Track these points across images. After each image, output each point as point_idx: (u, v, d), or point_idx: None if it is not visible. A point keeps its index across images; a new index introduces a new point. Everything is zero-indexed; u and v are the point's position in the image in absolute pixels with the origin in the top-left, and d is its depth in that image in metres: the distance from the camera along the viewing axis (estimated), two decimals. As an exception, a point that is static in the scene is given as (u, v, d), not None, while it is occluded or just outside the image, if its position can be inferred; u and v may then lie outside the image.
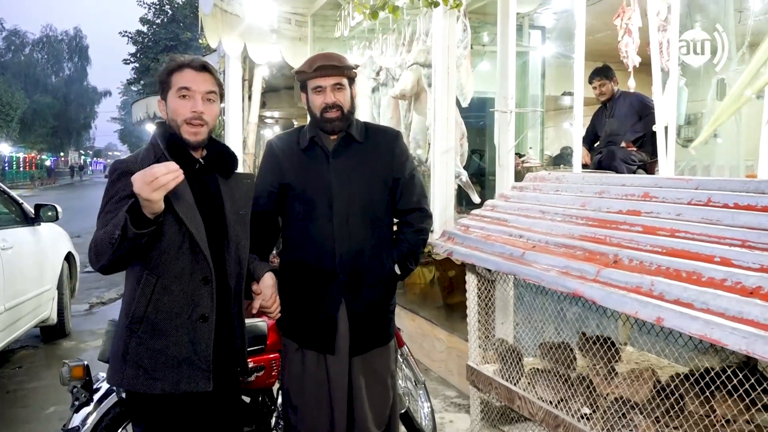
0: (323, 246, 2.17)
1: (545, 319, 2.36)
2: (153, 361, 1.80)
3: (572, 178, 2.23)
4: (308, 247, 2.20)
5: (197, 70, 1.85)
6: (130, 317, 1.79)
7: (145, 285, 1.79)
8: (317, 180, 2.19)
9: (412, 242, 2.24)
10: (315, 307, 2.21)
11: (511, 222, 2.15)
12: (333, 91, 2.15)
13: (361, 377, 2.20)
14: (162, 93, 1.89)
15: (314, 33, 6.60)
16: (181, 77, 1.84)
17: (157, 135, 1.87)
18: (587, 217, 1.89)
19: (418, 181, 2.30)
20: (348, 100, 2.18)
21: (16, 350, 4.97)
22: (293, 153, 2.25)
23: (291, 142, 2.29)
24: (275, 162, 2.28)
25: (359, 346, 2.21)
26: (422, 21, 4.61)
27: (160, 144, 1.84)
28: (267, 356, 2.75)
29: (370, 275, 2.21)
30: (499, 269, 1.92)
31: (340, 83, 2.16)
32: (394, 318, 2.37)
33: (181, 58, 1.86)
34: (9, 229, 4.30)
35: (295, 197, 2.22)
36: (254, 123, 6.98)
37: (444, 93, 3.85)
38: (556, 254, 1.78)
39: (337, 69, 2.15)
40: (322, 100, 2.16)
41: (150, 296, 1.79)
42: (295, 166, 2.24)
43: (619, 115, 5.16)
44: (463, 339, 4.25)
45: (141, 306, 1.79)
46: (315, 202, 2.18)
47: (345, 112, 2.18)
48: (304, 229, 2.21)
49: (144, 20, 28.63)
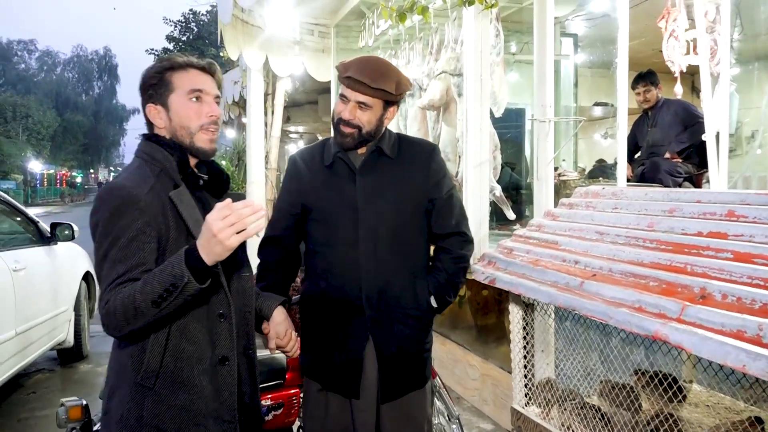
0: (347, 275, 1.91)
1: (588, 351, 2.06)
2: (176, 421, 1.49)
3: (633, 193, 1.95)
4: (331, 277, 1.94)
5: (205, 71, 1.59)
6: (142, 372, 1.46)
7: (164, 332, 1.48)
8: (341, 200, 1.94)
9: (450, 271, 1.96)
10: (338, 344, 1.94)
11: (563, 245, 1.87)
12: (355, 108, 1.89)
13: (393, 425, 1.93)
14: (157, 98, 1.56)
15: (337, 44, 6.42)
16: (189, 78, 1.56)
17: (154, 150, 1.55)
18: (658, 240, 1.61)
19: (457, 201, 2.03)
20: (371, 122, 1.91)
21: (31, 374, 4.79)
22: (316, 170, 2.00)
23: (314, 157, 2.03)
24: (296, 180, 2.04)
25: (390, 390, 1.93)
26: (451, 27, 4.37)
27: (171, 159, 1.53)
28: (286, 392, 2.50)
29: (402, 309, 1.94)
30: (553, 302, 1.64)
31: (365, 103, 1.88)
32: (431, 356, 2.09)
33: (183, 57, 1.59)
34: (22, 249, 4.13)
35: (317, 220, 1.98)
36: (276, 137, 6.79)
37: (476, 102, 3.59)
38: (623, 285, 1.50)
39: (367, 88, 1.86)
40: (340, 110, 1.92)
41: (165, 342, 1.46)
42: (318, 185, 1.98)
43: (662, 124, 4.85)
44: (498, 366, 3.96)
45: (155, 356, 1.46)
46: (338, 225, 1.93)
47: (362, 132, 1.91)
48: (326, 256, 1.96)
49: (170, 38, 29.05)
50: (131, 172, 1.52)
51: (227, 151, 12.62)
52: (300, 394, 2.56)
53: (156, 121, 1.57)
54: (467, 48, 3.80)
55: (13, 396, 4.33)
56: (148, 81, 1.57)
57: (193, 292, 1.34)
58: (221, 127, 10.00)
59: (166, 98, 1.56)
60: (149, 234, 1.42)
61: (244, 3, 4.51)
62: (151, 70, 1.58)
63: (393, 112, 1.96)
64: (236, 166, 9.61)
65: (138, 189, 1.44)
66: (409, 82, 1.97)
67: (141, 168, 1.53)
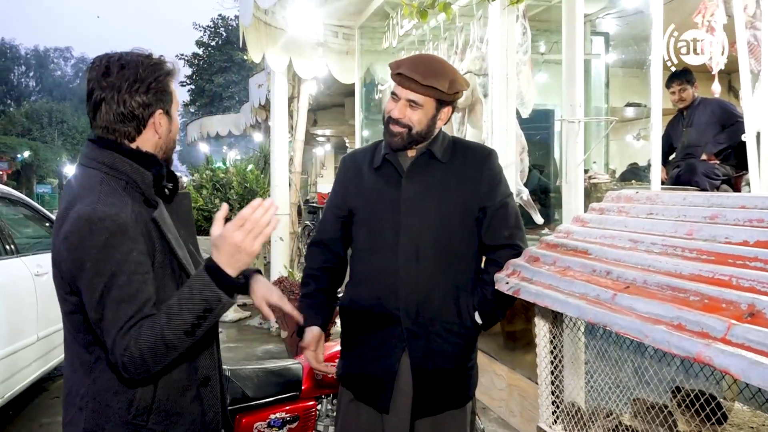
0: (386, 283, 1.83)
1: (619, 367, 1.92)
2: None
3: (669, 198, 1.80)
4: (370, 284, 1.87)
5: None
6: (133, 410, 1.32)
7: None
8: (385, 204, 1.85)
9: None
10: (373, 354, 1.86)
11: (594, 253, 1.73)
12: (405, 106, 1.81)
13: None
14: (164, 105, 1.40)
15: (362, 46, 6.35)
16: (176, 89, 1.47)
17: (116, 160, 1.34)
18: (698, 249, 1.46)
19: (512, 210, 1.90)
20: (421, 122, 1.81)
21: (55, 378, 4.80)
22: (364, 172, 1.93)
23: (364, 159, 1.96)
24: (344, 182, 1.98)
25: (423, 406, 1.83)
26: (476, 26, 4.25)
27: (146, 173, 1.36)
28: (302, 404, 2.42)
29: (443, 323, 1.84)
30: (582, 316, 1.50)
31: (416, 101, 1.79)
32: (476, 375, 1.98)
33: (170, 64, 1.43)
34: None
35: (361, 224, 1.91)
36: (301, 140, 6.73)
37: (503, 102, 3.47)
38: (659, 299, 1.36)
39: (417, 85, 1.77)
40: (390, 108, 1.84)
41: (156, 374, 1.32)
42: (364, 188, 1.91)
43: (698, 124, 4.65)
44: (525, 377, 3.81)
45: (147, 391, 1.33)
46: (381, 230, 1.85)
47: (412, 133, 1.82)
48: (367, 262, 1.89)
49: (200, 43, 29.39)
50: (100, 192, 1.30)
51: (254, 155, 12.65)
52: (317, 406, 2.47)
53: (158, 130, 1.40)
54: (493, 46, 3.68)
55: (35, 400, 4.33)
56: (160, 87, 1.38)
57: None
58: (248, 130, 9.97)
59: (170, 107, 1.42)
60: (146, 263, 1.29)
61: (264, 3, 4.45)
62: (159, 73, 1.38)
63: (447, 114, 1.86)
64: (262, 170, 9.60)
65: (122, 214, 1.27)
66: (466, 82, 1.87)
67: (106, 184, 1.32)
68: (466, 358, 1.90)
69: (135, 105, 1.35)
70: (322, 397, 2.48)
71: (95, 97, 1.35)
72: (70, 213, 1.28)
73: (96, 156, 1.35)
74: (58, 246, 1.30)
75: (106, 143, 1.36)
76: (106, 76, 1.34)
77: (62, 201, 1.36)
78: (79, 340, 1.35)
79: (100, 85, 1.34)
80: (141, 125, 1.38)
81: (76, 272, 1.26)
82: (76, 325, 1.34)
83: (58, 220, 1.33)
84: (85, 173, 1.36)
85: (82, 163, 1.37)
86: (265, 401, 2.30)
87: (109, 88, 1.33)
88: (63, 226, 1.29)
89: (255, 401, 2.27)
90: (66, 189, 1.39)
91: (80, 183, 1.35)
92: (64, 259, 1.28)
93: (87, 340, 1.33)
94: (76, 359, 1.37)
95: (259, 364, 2.42)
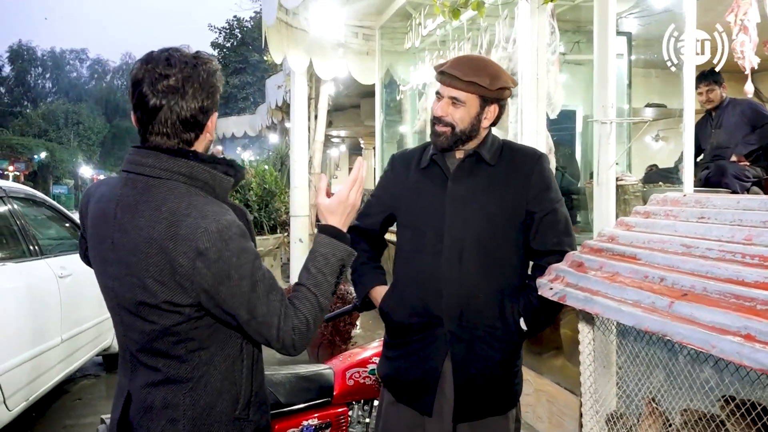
0: (429, 286, 1.81)
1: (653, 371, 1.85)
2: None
3: (722, 201, 1.74)
4: (413, 286, 1.85)
5: None
6: (239, 407, 1.38)
7: (247, 357, 1.41)
8: (430, 206, 1.84)
9: None
10: (415, 356, 1.84)
11: (644, 258, 1.67)
12: (447, 104, 1.79)
13: None
14: (216, 105, 1.39)
15: (382, 46, 6.30)
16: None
17: (193, 169, 1.33)
18: (760, 255, 1.40)
19: (562, 216, 1.86)
20: (464, 120, 1.79)
21: (78, 380, 4.80)
22: (411, 172, 1.92)
23: (413, 158, 1.95)
24: (390, 180, 1.99)
25: (465, 411, 1.79)
26: (502, 26, 4.19)
27: (225, 178, 1.38)
28: (334, 410, 2.37)
29: (485, 327, 1.80)
30: (639, 325, 1.44)
31: (458, 98, 1.78)
32: (520, 383, 1.94)
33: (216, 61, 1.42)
34: (68, 255, 4.11)
35: (405, 225, 1.91)
36: (320, 142, 6.70)
37: (532, 103, 3.42)
38: (723, 307, 1.30)
39: (459, 81, 1.76)
40: (434, 108, 1.83)
41: (253, 367, 1.42)
42: (409, 188, 1.90)
43: (727, 125, 4.56)
44: (553, 382, 3.75)
45: (248, 386, 1.41)
46: (425, 232, 1.83)
47: (456, 131, 1.80)
48: (410, 263, 1.88)
49: (215, 44, 29.50)
50: (204, 203, 1.29)
51: (270, 156, 12.65)
52: (348, 412, 2.43)
53: (210, 131, 1.38)
54: (522, 46, 3.63)
55: (59, 402, 4.33)
56: (214, 87, 1.36)
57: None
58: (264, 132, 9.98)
59: (217, 107, 1.40)
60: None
61: (288, 4, 4.42)
62: (214, 75, 1.36)
63: (493, 113, 1.82)
64: (279, 170, 9.59)
65: (233, 217, 1.32)
66: (511, 79, 1.84)
67: (197, 195, 1.31)
68: (510, 364, 1.86)
69: (197, 110, 1.32)
70: (354, 403, 2.44)
71: (151, 103, 1.29)
72: (180, 231, 1.25)
73: (170, 166, 1.31)
74: (179, 264, 1.26)
75: (174, 152, 1.32)
76: (162, 81, 1.29)
77: (135, 216, 1.29)
78: (177, 351, 1.34)
79: (155, 91, 1.29)
80: (200, 130, 1.36)
81: (216, 284, 1.26)
82: (178, 337, 1.32)
83: (139, 239, 1.28)
84: (164, 185, 1.31)
85: (154, 175, 1.30)
86: (297, 407, 2.26)
87: (170, 94, 1.29)
88: (173, 244, 1.25)
89: (287, 407, 2.23)
90: (137, 203, 1.31)
91: (168, 197, 1.29)
92: (198, 275, 1.26)
93: (188, 350, 1.34)
94: (168, 371, 1.34)
95: (290, 369, 2.38)
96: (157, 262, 1.26)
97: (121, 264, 1.31)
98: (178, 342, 1.33)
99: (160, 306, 1.28)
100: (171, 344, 1.33)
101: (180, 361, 1.34)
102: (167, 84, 1.29)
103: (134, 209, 1.30)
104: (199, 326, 1.32)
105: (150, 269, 1.27)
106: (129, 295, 1.31)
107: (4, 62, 55.91)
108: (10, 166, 32.71)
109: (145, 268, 1.27)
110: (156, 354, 1.34)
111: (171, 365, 1.34)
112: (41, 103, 52.58)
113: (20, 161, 34.35)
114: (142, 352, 1.36)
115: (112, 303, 1.38)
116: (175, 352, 1.34)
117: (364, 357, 2.47)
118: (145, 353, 1.35)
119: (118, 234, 1.31)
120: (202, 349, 1.34)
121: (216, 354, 1.36)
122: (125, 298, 1.33)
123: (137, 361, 1.37)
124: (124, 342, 1.40)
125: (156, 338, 1.33)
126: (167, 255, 1.25)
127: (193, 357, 1.34)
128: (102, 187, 1.44)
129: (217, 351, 1.36)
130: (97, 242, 1.38)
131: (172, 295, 1.28)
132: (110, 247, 1.33)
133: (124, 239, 1.30)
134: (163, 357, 1.34)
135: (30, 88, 57.69)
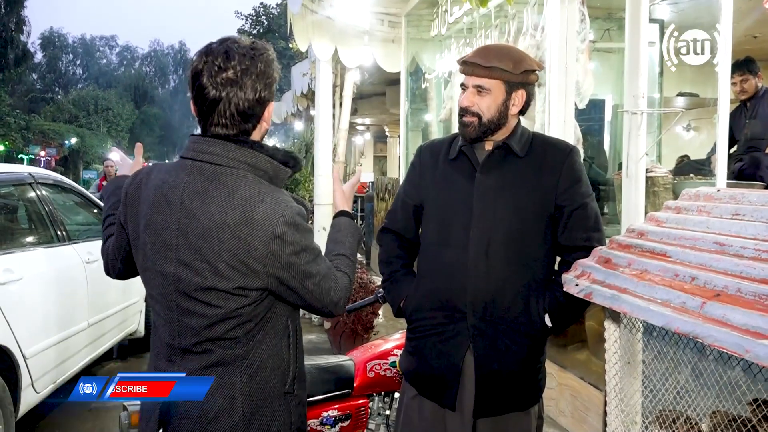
0: (454, 279, 1.78)
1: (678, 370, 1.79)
2: (303, 417, 1.54)
3: (758, 198, 1.67)
4: (438, 278, 1.82)
5: None
6: (288, 381, 1.46)
7: (292, 333, 1.48)
8: (457, 198, 1.81)
9: None
10: (437, 349, 1.81)
11: (674, 256, 1.61)
12: (473, 94, 1.76)
13: None
14: (272, 95, 1.43)
15: (408, 34, 6.23)
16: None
17: (257, 159, 1.38)
18: (799, 255, 1.34)
19: (592, 212, 1.81)
20: (490, 108, 1.76)
21: (104, 363, 4.88)
22: (438, 163, 1.89)
23: (441, 149, 1.91)
24: (418, 172, 1.95)
25: (485, 405, 1.77)
26: (530, 13, 4.10)
27: (283, 169, 1.45)
28: (354, 402, 2.36)
29: (509, 322, 1.77)
30: (668, 326, 1.40)
31: (482, 86, 1.74)
32: (544, 380, 1.90)
33: (271, 50, 1.45)
34: (96, 241, 4.17)
35: (431, 217, 1.88)
36: (345, 130, 6.68)
37: (561, 92, 3.35)
38: (758, 309, 1.25)
39: (481, 69, 1.73)
40: (460, 99, 1.80)
41: (297, 343, 1.50)
42: (437, 179, 1.87)
43: (762, 115, 4.43)
44: (577, 376, 3.70)
45: (294, 361, 1.48)
46: (451, 224, 1.80)
47: (483, 121, 1.76)
48: (436, 255, 1.85)
49: (241, 31, 29.67)
50: (273, 191, 1.37)
51: (294, 143, 12.68)
52: (369, 404, 2.42)
53: (266, 120, 1.42)
54: (551, 34, 3.55)
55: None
56: (272, 78, 1.39)
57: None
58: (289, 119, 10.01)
59: (273, 97, 1.43)
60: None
61: (314, -9, 4.39)
62: (272, 66, 1.39)
63: (521, 99, 1.78)
64: (304, 158, 9.61)
65: (297, 205, 1.42)
66: (536, 62, 1.80)
67: (264, 183, 1.37)
68: (533, 360, 1.82)
69: (254, 102, 1.36)
70: (374, 395, 2.43)
71: (210, 96, 1.33)
72: (256, 217, 1.32)
73: (237, 156, 1.36)
74: (254, 248, 1.32)
75: (240, 142, 1.37)
76: (221, 74, 1.33)
77: (205, 202, 1.33)
78: (235, 333, 1.37)
79: (214, 83, 1.33)
80: (258, 120, 1.40)
81: (288, 265, 1.35)
82: (240, 320, 1.36)
83: (211, 224, 1.32)
84: (233, 173, 1.35)
85: (222, 164, 1.35)
86: (317, 398, 2.26)
87: (228, 86, 1.33)
88: (249, 229, 1.32)
89: (308, 398, 2.22)
90: (207, 189, 1.35)
91: (239, 184, 1.34)
92: (272, 257, 1.33)
93: (245, 331, 1.38)
94: (224, 352, 1.38)
95: (311, 360, 2.37)
96: (230, 246, 1.31)
97: (190, 249, 1.33)
98: (238, 324, 1.36)
99: (230, 290, 1.32)
100: (231, 327, 1.36)
101: (236, 342, 1.37)
102: (226, 77, 1.32)
103: (203, 195, 1.34)
104: (259, 308, 1.38)
105: (223, 254, 1.31)
106: (197, 280, 1.33)
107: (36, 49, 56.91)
108: (42, 152, 33.37)
109: (218, 253, 1.31)
110: (212, 338, 1.36)
111: (227, 346, 1.37)
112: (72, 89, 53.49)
113: (52, 146, 35.01)
114: (197, 336, 1.37)
115: (168, 289, 1.37)
116: (233, 335, 1.36)
117: (386, 349, 2.45)
118: (200, 338, 1.37)
119: (186, 220, 1.34)
120: (257, 329, 1.39)
121: (268, 333, 1.41)
122: (190, 283, 1.34)
123: (189, 347, 1.38)
124: (173, 329, 1.39)
125: (217, 322, 1.35)
126: (241, 240, 1.31)
127: (248, 337, 1.38)
128: (157, 173, 1.43)
129: (269, 330, 1.42)
130: (156, 228, 1.38)
131: (243, 278, 1.32)
132: (175, 232, 1.34)
133: (192, 224, 1.33)
134: (219, 340, 1.37)
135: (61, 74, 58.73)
